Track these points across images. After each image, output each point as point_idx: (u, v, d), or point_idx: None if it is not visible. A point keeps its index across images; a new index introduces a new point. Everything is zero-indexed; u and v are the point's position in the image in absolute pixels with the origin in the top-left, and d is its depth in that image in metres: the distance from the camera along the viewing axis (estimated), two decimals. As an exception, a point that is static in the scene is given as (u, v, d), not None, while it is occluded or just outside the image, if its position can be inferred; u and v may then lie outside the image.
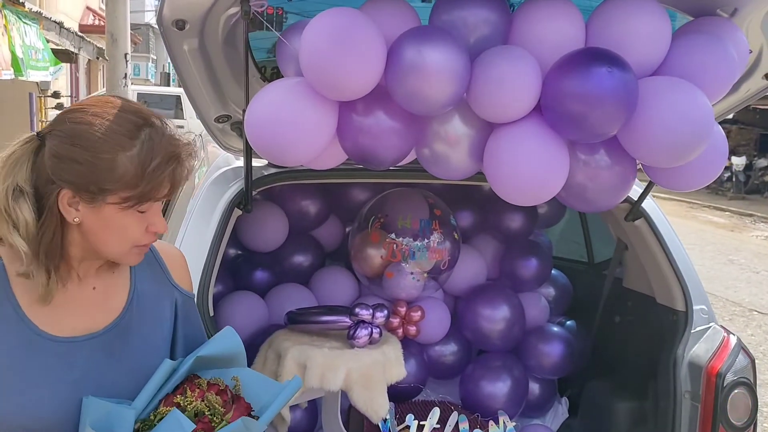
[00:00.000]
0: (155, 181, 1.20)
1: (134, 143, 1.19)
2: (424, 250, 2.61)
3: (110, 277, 1.35)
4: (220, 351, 1.32)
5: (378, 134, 1.76)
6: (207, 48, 1.87)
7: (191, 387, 1.24)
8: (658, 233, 2.43)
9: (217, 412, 1.21)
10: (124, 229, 1.22)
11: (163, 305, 1.40)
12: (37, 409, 1.23)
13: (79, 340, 1.28)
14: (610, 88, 1.62)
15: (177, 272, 1.45)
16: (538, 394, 2.91)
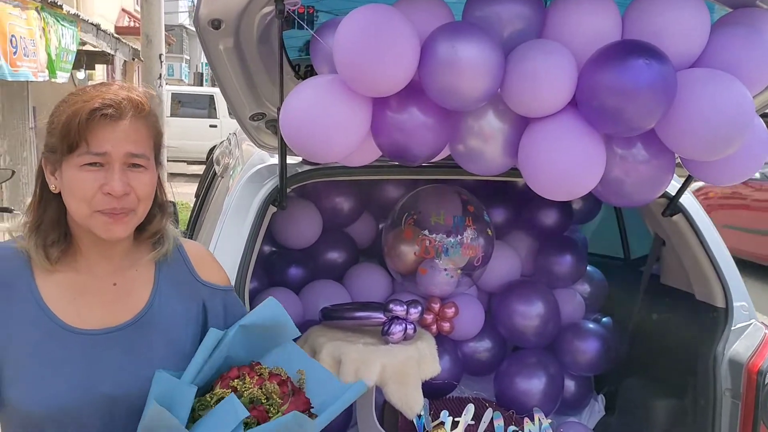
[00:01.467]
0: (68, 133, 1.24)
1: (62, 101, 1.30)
2: (457, 247, 2.61)
3: (132, 274, 1.38)
4: (264, 320, 1.33)
5: (412, 130, 1.77)
6: (242, 47, 1.89)
7: (250, 374, 1.26)
8: (697, 228, 2.39)
9: (274, 402, 1.22)
10: (80, 189, 1.25)
11: (188, 305, 1.41)
12: (58, 399, 1.26)
13: (99, 333, 1.31)
14: (648, 80, 1.59)
15: (204, 269, 1.47)
16: (574, 392, 2.88)
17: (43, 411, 1.26)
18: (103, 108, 1.24)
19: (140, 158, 1.29)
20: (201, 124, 15.17)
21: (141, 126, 1.30)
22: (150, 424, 1.20)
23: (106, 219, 1.27)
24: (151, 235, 1.40)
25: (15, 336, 1.28)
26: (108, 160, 1.25)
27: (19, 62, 5.49)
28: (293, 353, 1.39)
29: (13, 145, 7.82)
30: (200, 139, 14.21)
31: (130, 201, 1.28)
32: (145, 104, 1.32)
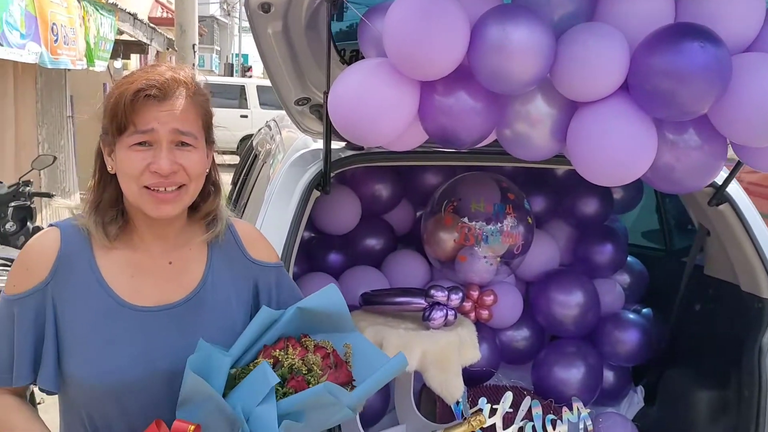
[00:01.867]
0: (116, 115, 1.27)
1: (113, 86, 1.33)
2: (497, 234, 2.60)
3: (186, 253, 1.41)
4: (322, 306, 1.34)
5: (459, 114, 1.76)
6: (290, 31, 1.90)
7: (294, 345, 1.27)
8: (744, 218, 2.35)
9: (314, 374, 1.24)
10: (129, 168, 1.28)
11: (239, 284, 1.45)
12: (115, 373, 1.31)
13: (155, 310, 1.35)
14: (703, 64, 1.57)
15: (254, 248, 1.50)
16: (613, 382, 2.86)
17: (104, 385, 1.30)
18: (146, 88, 1.27)
19: (188, 136, 1.31)
20: (232, 114, 15.28)
21: (188, 105, 1.32)
22: (188, 392, 1.23)
23: (154, 198, 1.30)
24: (205, 215, 1.43)
25: (76, 312, 1.32)
26: (155, 138, 1.28)
27: (59, 50, 5.59)
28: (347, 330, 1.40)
29: (52, 132, 7.94)
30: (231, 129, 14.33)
31: (179, 178, 1.31)
32: (191, 84, 1.34)
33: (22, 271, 1.34)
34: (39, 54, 5.10)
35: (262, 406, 1.17)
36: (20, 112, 6.97)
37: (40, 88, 7.47)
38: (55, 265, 1.32)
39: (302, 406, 1.21)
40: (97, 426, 1.35)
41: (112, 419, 1.33)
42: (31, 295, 1.31)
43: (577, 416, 2.59)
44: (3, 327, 1.33)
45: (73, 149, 8.46)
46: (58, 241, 1.34)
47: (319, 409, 1.23)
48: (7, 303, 1.33)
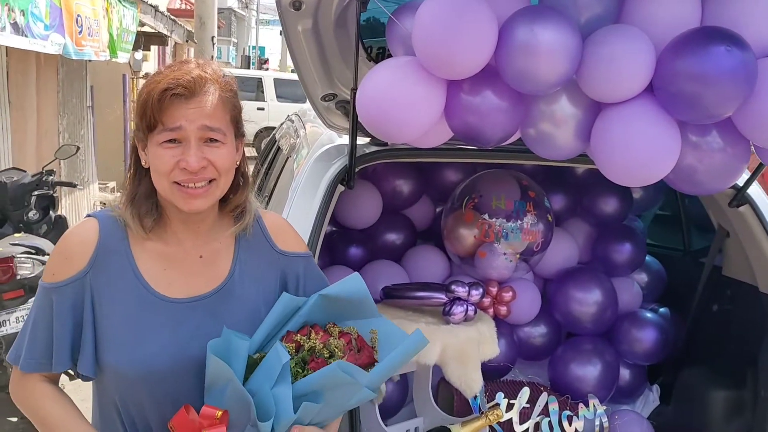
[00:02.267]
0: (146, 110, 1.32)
1: (143, 84, 1.38)
2: (517, 231, 2.63)
3: (216, 247, 1.45)
4: (344, 293, 1.38)
5: (485, 113, 1.79)
6: (319, 28, 1.94)
7: (317, 331, 1.31)
8: (764, 220, 2.37)
9: (336, 357, 1.27)
10: (160, 165, 1.32)
11: (267, 274, 1.48)
12: (149, 362, 1.35)
13: (187, 302, 1.39)
14: (729, 67, 1.58)
15: (282, 239, 1.53)
16: (628, 380, 2.89)
17: (137, 373, 1.35)
18: (173, 87, 1.31)
19: (216, 132, 1.34)
20: (249, 106, 15.24)
21: (215, 101, 1.35)
22: (211, 376, 1.28)
23: (184, 194, 1.34)
24: (234, 207, 1.46)
25: (113, 301, 1.37)
26: (184, 135, 1.32)
27: (83, 41, 5.66)
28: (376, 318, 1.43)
29: (72, 122, 8.03)
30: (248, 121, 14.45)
31: (208, 173, 1.34)
32: (218, 80, 1.37)
33: (61, 261, 1.38)
34: (62, 45, 5.16)
35: (278, 387, 1.21)
36: (42, 102, 7.06)
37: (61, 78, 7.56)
38: (94, 256, 1.37)
39: (319, 386, 1.25)
40: (130, 411, 1.39)
41: (145, 405, 1.38)
42: (70, 284, 1.35)
43: (593, 413, 2.62)
44: (42, 314, 1.37)
45: (92, 139, 8.56)
46: (97, 232, 1.39)
47: (336, 389, 1.27)
48: (45, 291, 1.38)
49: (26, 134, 6.83)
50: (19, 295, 3.85)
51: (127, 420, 1.40)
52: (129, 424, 1.40)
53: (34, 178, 4.69)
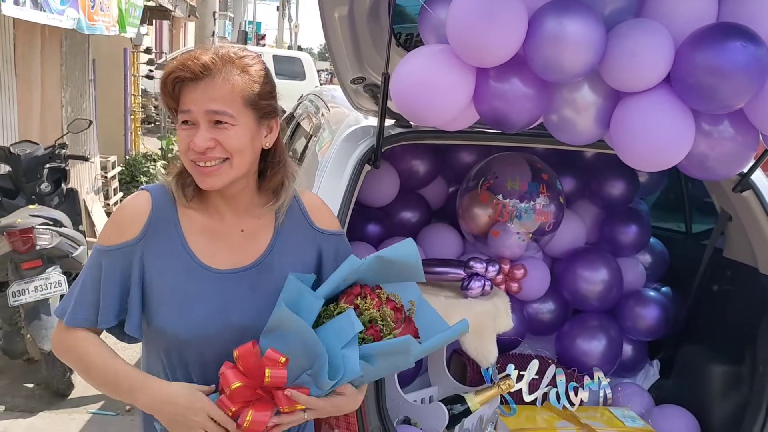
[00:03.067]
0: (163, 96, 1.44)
1: None
2: (530, 212, 2.74)
3: (257, 223, 1.55)
4: (399, 257, 1.48)
5: (512, 99, 1.89)
6: (354, 15, 2.03)
7: (371, 294, 1.42)
8: (766, 205, 2.49)
9: (387, 325, 1.39)
10: (180, 144, 1.45)
11: (305, 249, 1.58)
12: (195, 327, 1.46)
13: (229, 273, 1.50)
14: (744, 62, 1.69)
15: (319, 217, 1.63)
16: (631, 355, 3.02)
17: (183, 336, 1.46)
18: (176, 72, 1.40)
19: (222, 115, 1.40)
20: (248, 82, 15.31)
21: (222, 85, 1.40)
22: (276, 324, 1.37)
23: (199, 171, 1.44)
24: (272, 187, 1.56)
25: (162, 269, 1.48)
26: (193, 118, 1.41)
27: (95, 16, 5.70)
28: (409, 287, 1.55)
29: (74, 96, 8.06)
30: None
31: (217, 153, 1.42)
32: (231, 63, 1.41)
33: (115, 228, 1.50)
34: (77, 20, 5.21)
35: (347, 349, 1.33)
36: (46, 74, 7.09)
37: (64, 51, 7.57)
38: (146, 226, 1.48)
39: (380, 352, 1.37)
40: (174, 367, 1.51)
41: (189, 364, 1.50)
42: (121, 249, 1.46)
43: (597, 385, 2.77)
44: (92, 275, 1.48)
45: (94, 113, 8.59)
46: (150, 204, 1.50)
47: (391, 356, 1.39)
48: (98, 253, 1.49)
49: (31, 107, 6.87)
50: (38, 265, 3.95)
51: (172, 377, 1.51)
52: (173, 379, 1.51)
53: (47, 151, 4.76)
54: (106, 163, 8.70)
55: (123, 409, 4.06)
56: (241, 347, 1.37)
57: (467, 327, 1.51)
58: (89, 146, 8.28)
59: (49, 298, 3.90)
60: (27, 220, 3.95)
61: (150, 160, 9.62)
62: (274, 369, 1.33)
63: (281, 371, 1.33)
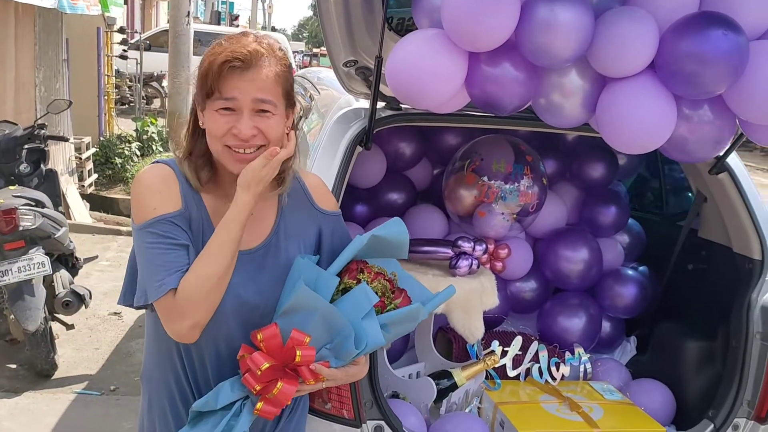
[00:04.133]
0: (204, 83, 1.46)
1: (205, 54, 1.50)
2: (515, 193, 2.82)
3: (263, 206, 1.60)
4: (389, 235, 1.57)
5: (504, 83, 1.95)
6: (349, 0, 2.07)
7: (367, 269, 1.50)
8: (740, 187, 2.60)
9: (387, 295, 1.48)
10: (214, 129, 1.47)
11: (307, 229, 1.65)
12: None
13: (240, 254, 1.54)
14: (725, 49, 1.77)
15: (320, 197, 1.70)
16: (609, 332, 3.13)
17: None
18: (231, 60, 1.44)
19: (267, 104, 1.47)
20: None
21: (268, 74, 1.47)
22: (297, 303, 1.44)
23: (234, 157, 1.48)
24: (279, 172, 1.61)
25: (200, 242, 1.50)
26: (237, 106, 1.45)
27: (76, -4, 5.62)
28: (389, 260, 1.64)
29: (48, 76, 7.95)
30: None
31: (257, 140, 1.48)
32: (273, 54, 1.50)
33: (156, 196, 1.49)
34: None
35: (367, 320, 1.41)
36: (20, 54, 6.99)
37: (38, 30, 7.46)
38: (183, 197, 1.51)
39: (394, 320, 1.46)
40: (190, 347, 1.56)
41: (202, 339, 1.53)
42: (175, 216, 1.47)
43: (578, 360, 2.87)
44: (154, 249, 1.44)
45: (68, 93, 8.48)
46: (176, 179, 1.53)
47: (402, 323, 1.50)
48: (149, 226, 1.46)
49: (5, 86, 6.78)
50: (20, 246, 3.94)
51: (185, 353, 1.57)
52: (186, 355, 1.58)
53: (26, 132, 4.72)
54: (80, 144, 8.61)
55: (107, 389, 4.08)
56: (265, 330, 1.44)
57: (454, 291, 1.62)
58: (63, 127, 8.18)
59: (32, 279, 3.90)
60: (10, 200, 3.93)
61: (125, 142, 9.52)
62: (303, 349, 1.40)
63: (310, 351, 1.41)
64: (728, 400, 2.46)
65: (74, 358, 4.43)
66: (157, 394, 1.63)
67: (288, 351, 1.41)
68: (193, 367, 1.59)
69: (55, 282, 4.23)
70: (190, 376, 1.59)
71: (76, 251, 4.58)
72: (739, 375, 2.47)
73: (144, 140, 9.94)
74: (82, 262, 4.66)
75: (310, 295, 1.41)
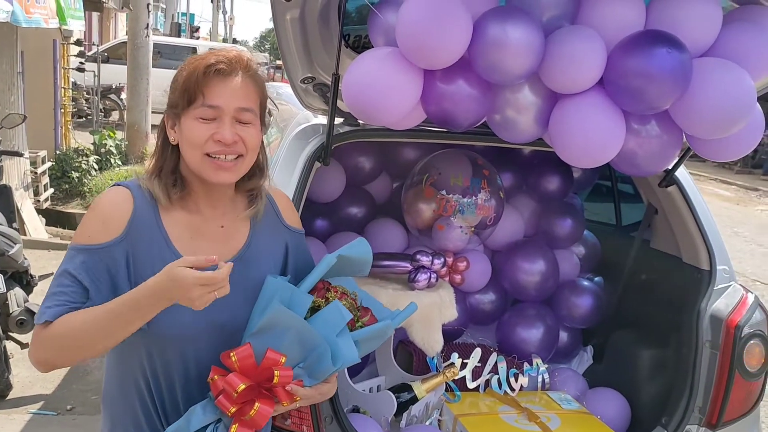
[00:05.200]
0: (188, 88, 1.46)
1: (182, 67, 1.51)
2: (472, 207, 2.86)
3: (235, 219, 1.61)
4: (355, 254, 1.60)
5: (458, 100, 1.99)
6: (305, 18, 2.09)
7: (333, 288, 1.52)
8: (689, 199, 2.68)
9: (356, 313, 1.50)
10: (195, 137, 1.47)
11: (276, 244, 1.66)
12: (180, 323, 1.49)
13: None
14: (669, 67, 1.84)
15: (288, 214, 1.72)
16: (566, 342, 3.19)
17: (169, 333, 1.48)
18: (216, 63, 1.46)
19: (248, 113, 1.50)
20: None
21: (250, 84, 1.51)
22: (271, 322, 1.43)
23: (214, 165, 1.48)
24: (249, 189, 1.62)
25: (147, 267, 1.47)
26: (220, 114, 1.47)
27: (32, 9, 5.54)
28: (346, 279, 1.66)
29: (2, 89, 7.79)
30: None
31: (238, 148, 1.49)
32: (253, 66, 1.53)
33: (98, 224, 1.48)
34: (10, 12, 5.06)
35: (341, 338, 1.43)
36: (-27, 67, 6.85)
37: (-8, 44, 7.32)
38: (130, 222, 1.48)
39: (366, 337, 1.49)
40: (155, 367, 1.53)
41: (170, 361, 1.52)
42: (105, 248, 1.45)
43: (536, 371, 2.91)
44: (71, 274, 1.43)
45: (23, 107, 8.32)
46: (132, 201, 1.51)
47: (373, 340, 1.53)
48: (77, 252, 1.45)
49: (-42, 100, 6.63)
50: (-28, 263, 3.85)
51: (151, 375, 1.53)
52: (153, 379, 1.54)
53: (-21, 147, 4.63)
54: (36, 158, 8.44)
55: (64, 409, 4.00)
56: (238, 350, 1.42)
57: (416, 307, 1.64)
58: (18, 141, 8.01)
59: (-15, 298, 3.81)
60: (-40, 217, 3.84)
61: (82, 155, 9.35)
62: (280, 370, 1.40)
63: (287, 371, 1.41)
64: (680, 407, 2.52)
65: (29, 377, 4.32)
66: (120, 419, 1.59)
67: (263, 371, 1.40)
68: (160, 390, 1.55)
69: (9, 300, 4.13)
70: (157, 400, 1.55)
71: (31, 268, 4.48)
72: (690, 382, 2.54)
73: (102, 153, 9.79)
74: (37, 280, 4.57)
75: (286, 314, 1.41)
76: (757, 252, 8.85)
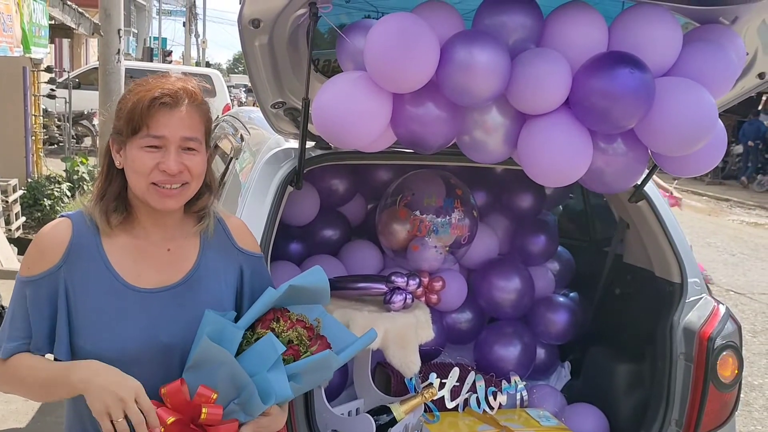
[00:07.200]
0: (132, 118, 1.47)
1: (128, 91, 1.52)
2: (446, 226, 2.88)
3: (183, 242, 1.61)
4: (309, 283, 1.58)
5: (427, 122, 2.02)
6: (274, 44, 2.10)
7: (284, 317, 1.50)
8: (658, 213, 2.72)
9: (303, 343, 1.48)
10: (140, 166, 1.48)
11: (228, 268, 1.65)
12: (121, 346, 1.49)
13: (155, 291, 1.54)
14: (632, 87, 1.88)
15: (240, 238, 1.72)
16: (544, 359, 3.20)
17: (114, 355, 1.48)
18: (161, 97, 1.47)
19: (193, 141, 1.51)
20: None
21: (194, 113, 1.52)
22: (201, 357, 1.43)
23: (159, 193, 1.50)
24: (198, 209, 1.63)
25: (86, 293, 1.50)
26: (165, 143, 1.48)
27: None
28: (313, 306, 1.64)
29: (-28, 117, 7.73)
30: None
31: (183, 177, 1.51)
32: (197, 94, 1.55)
33: (36, 256, 1.52)
34: (-23, 41, 5.02)
35: (273, 372, 1.40)
36: (-59, 96, 6.77)
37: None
38: (67, 252, 1.50)
39: (304, 370, 1.45)
40: None
41: None
42: (44, 277, 1.49)
43: (514, 388, 2.92)
44: (19, 305, 1.51)
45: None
46: (70, 231, 1.53)
47: (314, 372, 1.49)
48: (21, 284, 1.51)
49: (-74, 129, 6.54)
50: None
51: None
52: None
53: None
54: (7, 186, 8.33)
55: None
56: (169, 386, 1.42)
57: (375, 335, 1.63)
58: (-15, 166, 7.92)
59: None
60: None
61: (54, 183, 9.25)
62: (209, 407, 1.38)
63: (217, 409, 1.39)
64: (657, 420, 2.54)
65: (3, 411, 4.23)
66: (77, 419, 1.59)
67: (195, 407, 1.39)
68: None
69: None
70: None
71: (2, 299, 4.41)
72: (666, 395, 2.56)
73: (75, 180, 9.68)
74: (8, 311, 4.49)
75: (215, 349, 1.39)
76: (729, 261, 8.98)
